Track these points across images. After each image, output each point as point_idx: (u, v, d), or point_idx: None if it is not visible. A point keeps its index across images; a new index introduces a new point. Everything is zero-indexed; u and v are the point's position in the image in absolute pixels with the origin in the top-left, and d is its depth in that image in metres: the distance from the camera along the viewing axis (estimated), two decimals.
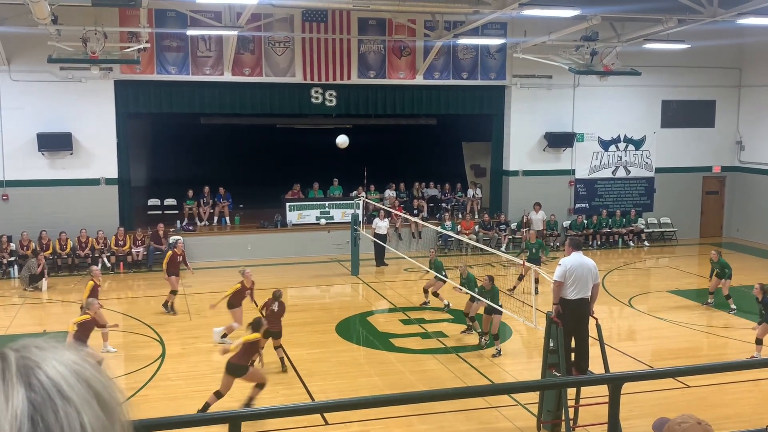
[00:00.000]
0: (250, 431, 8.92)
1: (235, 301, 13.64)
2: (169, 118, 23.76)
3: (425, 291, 16.29)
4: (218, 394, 10.19)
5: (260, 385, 10.43)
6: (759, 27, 19.19)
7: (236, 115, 23.34)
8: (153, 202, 23.30)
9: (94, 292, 13.06)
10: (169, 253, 16.23)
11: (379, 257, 20.66)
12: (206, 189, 22.59)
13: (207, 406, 10.14)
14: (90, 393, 0.95)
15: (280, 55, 21.22)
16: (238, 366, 10.23)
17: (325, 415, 10.12)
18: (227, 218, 22.56)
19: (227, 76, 20.87)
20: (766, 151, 24.05)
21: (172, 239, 19.76)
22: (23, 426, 0.89)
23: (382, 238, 20.53)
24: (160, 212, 22.65)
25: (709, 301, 16.56)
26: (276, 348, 12.40)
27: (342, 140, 17.20)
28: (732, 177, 25.31)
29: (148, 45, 19.19)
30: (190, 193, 22.50)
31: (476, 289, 13.41)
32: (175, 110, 21.61)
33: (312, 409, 8.55)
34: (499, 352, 13.06)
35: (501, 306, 12.78)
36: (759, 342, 12.77)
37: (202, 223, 22.35)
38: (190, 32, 19.39)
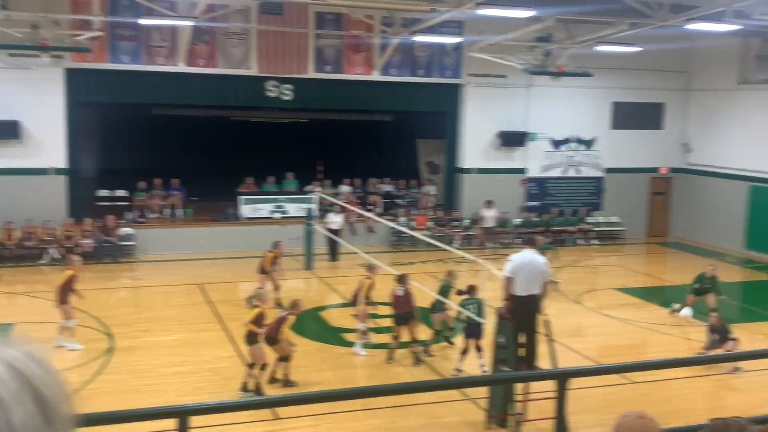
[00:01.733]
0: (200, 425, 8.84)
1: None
2: (122, 108, 23.34)
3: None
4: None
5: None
6: (707, 33, 19.71)
7: (190, 107, 23.07)
8: (103, 193, 22.86)
9: (70, 283, 12.76)
10: (270, 254, 15.84)
11: (332, 252, 20.65)
12: (158, 180, 22.27)
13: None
14: (26, 390, 0.94)
15: (235, 47, 21.03)
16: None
17: (276, 409, 10.10)
18: (179, 210, 22.28)
19: (181, 67, 20.61)
20: (712, 153, 24.71)
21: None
22: None
23: (335, 233, 20.52)
24: (111, 203, 22.26)
25: (675, 307, 15.79)
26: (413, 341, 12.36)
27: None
28: (679, 178, 25.94)
29: (101, 33, 18.84)
30: (142, 184, 22.15)
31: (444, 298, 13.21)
32: (127, 100, 21.25)
33: (262, 404, 8.54)
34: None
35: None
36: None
37: (153, 215, 22.04)
38: (144, 21, 19.08)
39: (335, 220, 20.76)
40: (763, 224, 22.71)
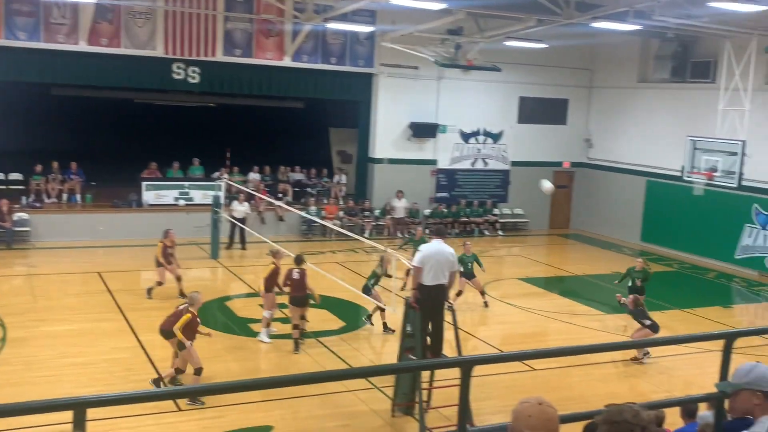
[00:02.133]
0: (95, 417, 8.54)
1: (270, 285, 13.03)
2: (18, 87, 22.19)
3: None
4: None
5: None
6: (610, 31, 20.40)
7: (91, 87, 22.15)
8: None
9: None
10: (160, 244, 15.18)
11: (239, 241, 20.29)
12: (55, 164, 21.34)
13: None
14: None
15: (140, 26, 20.31)
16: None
17: (177, 401, 9.87)
18: (78, 196, 21.42)
19: (83, 46, 19.75)
20: (611, 149, 25.67)
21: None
22: None
23: (240, 221, 20.12)
24: (4, 187, 21.18)
25: (622, 300, 13.62)
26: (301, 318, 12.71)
27: (547, 187, 16.36)
28: (580, 172, 26.84)
29: None
30: (38, 167, 21.17)
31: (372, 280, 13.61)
32: (24, 79, 20.23)
33: (164, 396, 8.30)
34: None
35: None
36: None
37: (50, 200, 21.10)
38: None
39: (239, 208, 20.32)
40: (657, 218, 23.79)
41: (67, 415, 3.38)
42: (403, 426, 9.99)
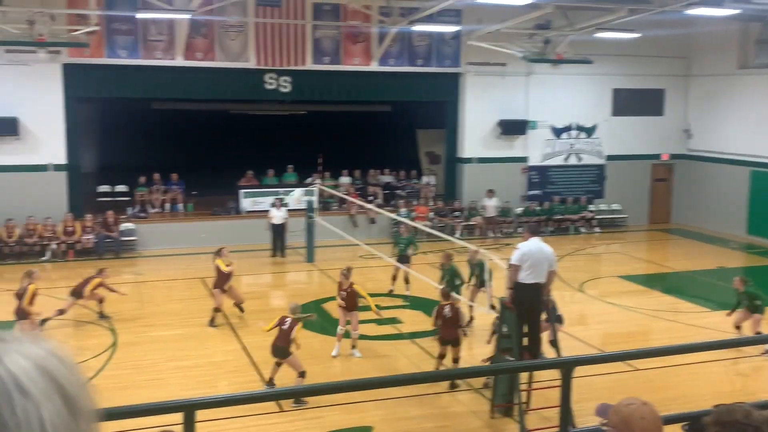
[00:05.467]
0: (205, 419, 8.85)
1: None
2: (120, 103, 23.32)
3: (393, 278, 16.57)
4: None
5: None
6: (706, 17, 19.60)
7: (189, 101, 23.01)
8: (103, 188, 22.83)
9: (34, 297, 12.37)
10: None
11: (276, 247, 20.16)
12: (157, 175, 22.26)
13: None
14: (53, 388, 0.96)
15: (233, 39, 20.95)
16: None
17: (280, 402, 10.11)
18: (180, 205, 22.28)
19: (179, 61, 20.54)
20: (712, 139, 24.64)
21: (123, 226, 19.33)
22: None
23: (279, 227, 19.90)
24: (111, 199, 22.25)
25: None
26: (454, 361, 11.26)
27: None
28: (680, 165, 25.88)
29: (98, 28, 18.76)
30: (142, 179, 22.15)
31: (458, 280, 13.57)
32: (125, 95, 21.20)
33: (266, 397, 8.53)
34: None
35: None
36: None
37: (154, 210, 22.03)
38: (141, 15, 19.01)
39: (277, 214, 20.05)
40: (764, 209, 22.65)
41: (176, 417, 3.53)
42: (503, 428, 9.90)
